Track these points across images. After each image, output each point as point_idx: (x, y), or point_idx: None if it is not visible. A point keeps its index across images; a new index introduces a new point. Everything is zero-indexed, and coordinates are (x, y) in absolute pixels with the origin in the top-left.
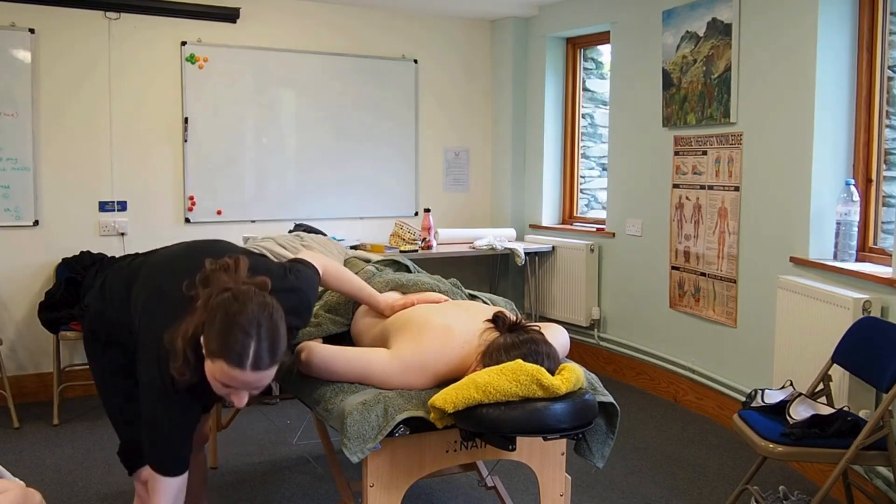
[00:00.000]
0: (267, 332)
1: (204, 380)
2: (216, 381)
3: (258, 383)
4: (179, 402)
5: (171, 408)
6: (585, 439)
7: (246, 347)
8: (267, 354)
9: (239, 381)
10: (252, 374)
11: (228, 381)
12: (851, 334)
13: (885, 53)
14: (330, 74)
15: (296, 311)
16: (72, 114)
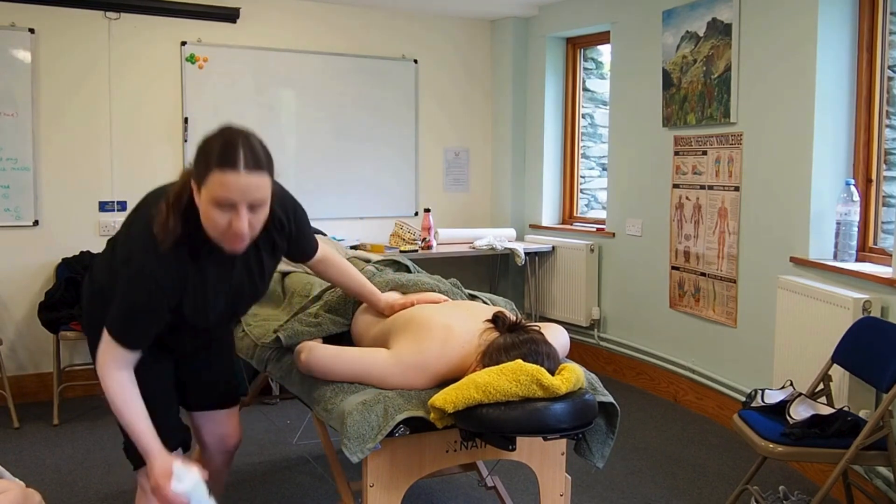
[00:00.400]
0: (252, 139)
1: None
2: (213, 210)
3: (255, 190)
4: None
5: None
6: (585, 439)
7: (235, 150)
8: (261, 154)
9: (235, 188)
10: (246, 175)
11: (225, 192)
12: (851, 334)
13: (885, 53)
14: (330, 74)
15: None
16: (72, 114)
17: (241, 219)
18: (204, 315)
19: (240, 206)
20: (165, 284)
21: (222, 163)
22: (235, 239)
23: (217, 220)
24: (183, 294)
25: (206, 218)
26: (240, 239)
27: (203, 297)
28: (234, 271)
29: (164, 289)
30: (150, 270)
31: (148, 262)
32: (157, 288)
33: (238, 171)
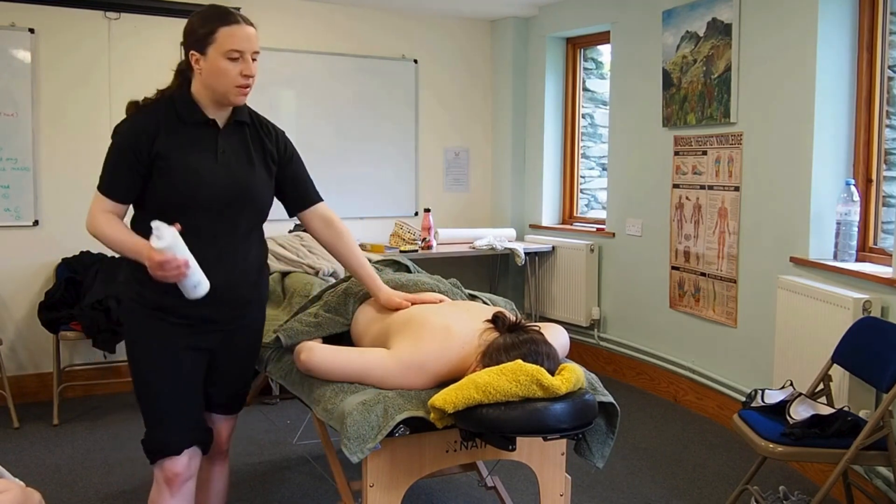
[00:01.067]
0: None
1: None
2: (225, 63)
3: (255, 40)
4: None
5: (122, 133)
6: (585, 439)
7: (230, 10)
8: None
9: (243, 37)
10: (247, 27)
11: (236, 43)
12: (851, 334)
13: (885, 53)
14: (330, 74)
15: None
16: (72, 114)
17: (249, 64)
18: (196, 186)
19: (246, 55)
20: (141, 133)
21: (226, 21)
22: (244, 86)
23: (229, 70)
24: (167, 148)
25: (216, 74)
26: (246, 87)
27: (189, 162)
28: (221, 148)
29: (140, 136)
30: (126, 122)
31: (126, 120)
32: (133, 135)
33: (241, 24)
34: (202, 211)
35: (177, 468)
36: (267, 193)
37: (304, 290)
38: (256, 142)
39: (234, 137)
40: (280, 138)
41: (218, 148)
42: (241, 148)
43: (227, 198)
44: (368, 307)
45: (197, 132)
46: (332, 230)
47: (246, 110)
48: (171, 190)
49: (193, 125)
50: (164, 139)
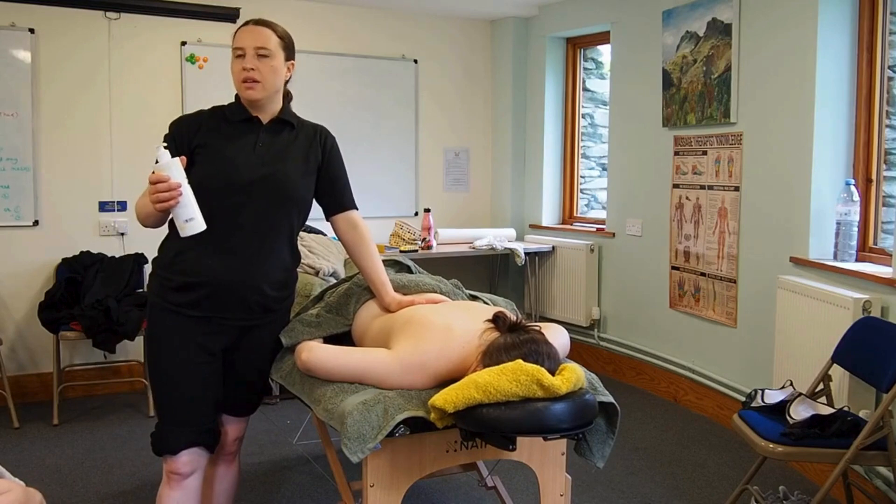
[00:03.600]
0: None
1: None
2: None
3: (259, 37)
4: None
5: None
6: (585, 439)
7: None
8: (271, 21)
9: (244, 35)
10: (253, 26)
11: (237, 42)
12: (851, 334)
13: (885, 53)
14: (330, 74)
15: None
16: (72, 114)
17: (248, 59)
18: (230, 169)
19: (248, 51)
20: (183, 126)
21: (241, 25)
22: (246, 81)
23: (235, 67)
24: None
25: (232, 73)
26: (249, 81)
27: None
28: (260, 141)
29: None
30: (176, 120)
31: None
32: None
33: (249, 25)
34: (233, 196)
35: (175, 466)
36: (304, 190)
37: (304, 290)
38: (300, 142)
39: (275, 134)
40: (325, 140)
41: (258, 140)
42: (281, 144)
43: (258, 186)
44: (369, 307)
45: (239, 127)
46: (356, 233)
47: (293, 115)
48: (203, 172)
49: (237, 122)
50: (205, 133)
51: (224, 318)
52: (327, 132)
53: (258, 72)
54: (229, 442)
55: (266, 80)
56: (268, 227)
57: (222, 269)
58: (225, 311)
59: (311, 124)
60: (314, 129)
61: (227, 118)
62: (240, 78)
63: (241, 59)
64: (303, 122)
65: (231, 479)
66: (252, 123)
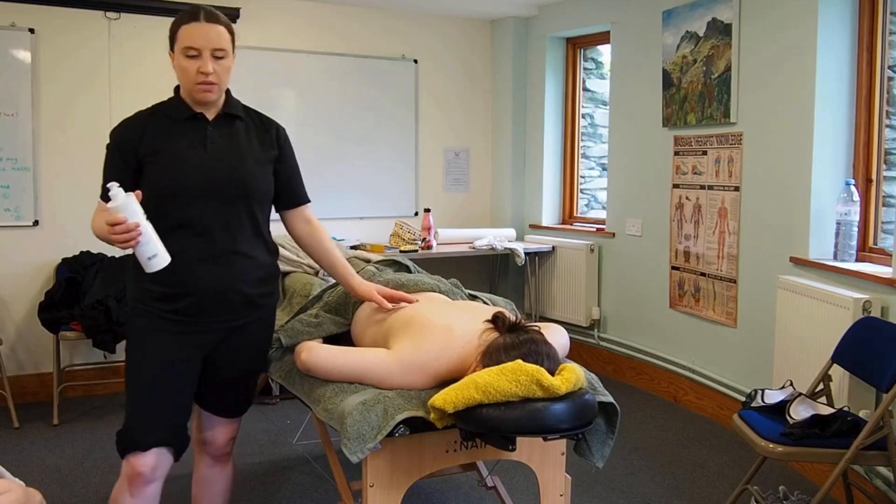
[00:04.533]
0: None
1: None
2: (184, 61)
3: (216, 37)
4: None
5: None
6: (585, 439)
7: (196, 8)
8: (219, 14)
9: (198, 34)
10: (206, 24)
11: (190, 40)
12: (851, 334)
13: (885, 53)
14: (330, 75)
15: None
16: (72, 114)
17: (206, 62)
18: (185, 173)
19: (203, 52)
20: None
21: (186, 19)
22: (203, 84)
23: (188, 68)
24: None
25: (180, 72)
26: (207, 84)
27: (177, 155)
28: (210, 139)
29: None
30: (117, 127)
31: (118, 124)
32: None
33: (199, 22)
34: (194, 200)
35: (141, 466)
36: (264, 183)
37: (304, 290)
38: (251, 135)
39: (224, 130)
40: (279, 133)
41: (207, 138)
42: (233, 139)
43: (218, 186)
44: (368, 307)
45: (185, 126)
46: (311, 228)
47: (239, 105)
48: (160, 180)
49: (182, 121)
50: (151, 139)
51: (210, 320)
52: (278, 125)
53: (216, 74)
54: (222, 443)
55: (222, 82)
56: (236, 228)
57: (200, 277)
58: (210, 315)
59: (259, 114)
60: (264, 122)
61: (170, 117)
62: (195, 80)
63: (195, 59)
64: (249, 112)
65: (226, 481)
66: (198, 121)
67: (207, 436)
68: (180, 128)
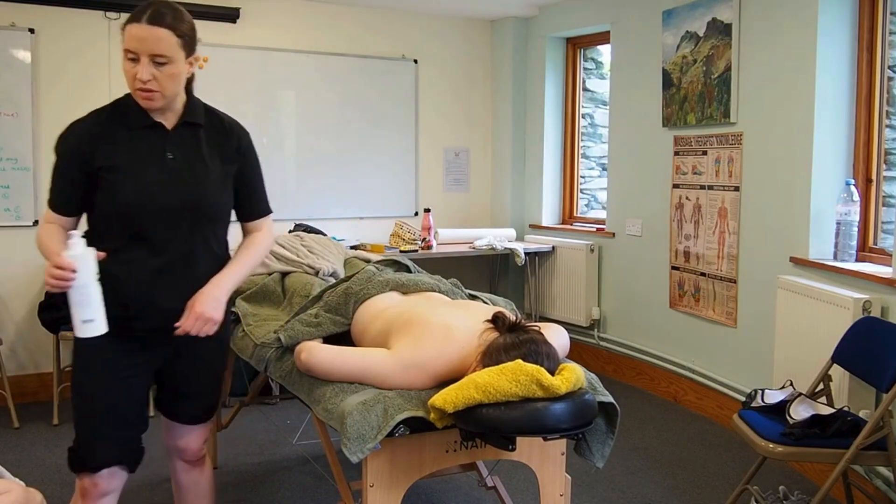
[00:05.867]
0: (169, 5)
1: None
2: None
3: (154, 42)
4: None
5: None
6: (585, 439)
7: (144, 8)
8: (167, 15)
9: (135, 37)
10: (147, 27)
11: (128, 43)
12: (851, 334)
13: (885, 53)
14: (330, 74)
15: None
16: (72, 114)
17: (142, 67)
18: (144, 197)
19: (141, 56)
20: (83, 141)
21: (130, 19)
22: (142, 90)
23: (128, 71)
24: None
25: (124, 74)
26: (145, 91)
27: (135, 171)
28: (169, 153)
29: (81, 145)
30: (73, 130)
31: (73, 126)
32: (75, 144)
33: (140, 24)
34: (151, 221)
35: (93, 486)
36: (224, 199)
37: (304, 290)
38: (212, 142)
39: (184, 140)
40: (241, 142)
41: (166, 154)
42: (193, 151)
43: (177, 207)
44: (368, 307)
45: (143, 138)
46: (260, 234)
47: (200, 109)
48: (117, 202)
49: (140, 129)
50: (108, 148)
51: (160, 338)
52: (242, 131)
53: (155, 81)
54: (196, 449)
55: (165, 89)
56: (190, 249)
57: (153, 299)
58: (161, 333)
59: (221, 120)
60: (226, 129)
61: (127, 125)
62: (133, 86)
63: (134, 63)
64: (211, 117)
65: (206, 482)
66: (156, 130)
67: (180, 444)
68: (137, 139)
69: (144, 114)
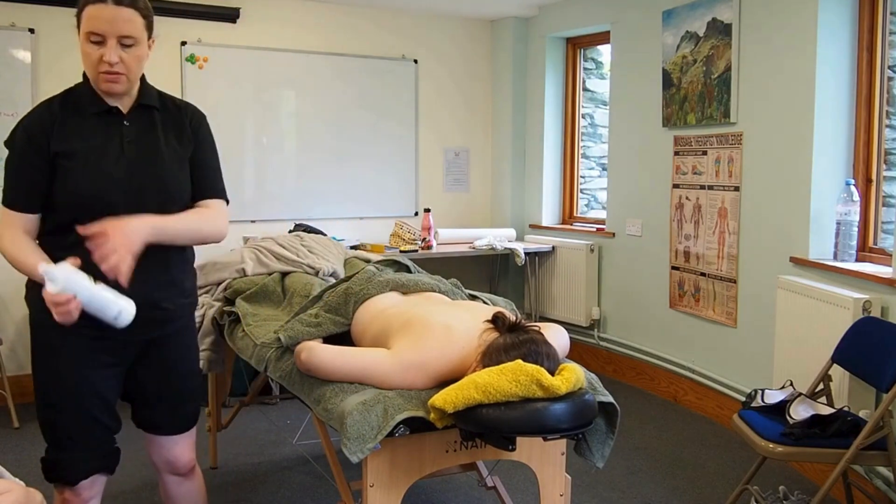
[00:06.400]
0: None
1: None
2: (87, 46)
3: (124, 23)
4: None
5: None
6: (585, 439)
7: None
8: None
9: (103, 18)
10: (114, 7)
11: (94, 25)
12: (851, 334)
13: (885, 53)
14: (330, 74)
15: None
16: None
17: (110, 49)
18: (102, 184)
19: (108, 38)
20: (36, 129)
21: (91, 0)
22: (108, 73)
23: (91, 54)
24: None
25: (83, 57)
26: (111, 73)
27: (92, 157)
28: (127, 139)
29: (35, 133)
30: (23, 122)
31: (23, 118)
32: (28, 134)
33: (106, 4)
34: (112, 208)
35: (74, 494)
36: (183, 180)
37: (304, 290)
38: (168, 125)
39: (141, 124)
40: (193, 118)
41: (123, 138)
42: (150, 135)
43: (137, 191)
44: (368, 307)
45: (98, 123)
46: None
47: (154, 93)
48: (75, 191)
49: (94, 115)
50: (63, 134)
51: (114, 333)
52: (196, 111)
53: (122, 64)
54: (187, 460)
55: (132, 72)
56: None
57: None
58: (125, 331)
59: (174, 101)
60: (179, 109)
61: (81, 111)
62: (97, 69)
63: (99, 46)
64: (164, 100)
65: (199, 491)
66: (111, 115)
67: (169, 457)
68: (92, 124)
69: (99, 99)
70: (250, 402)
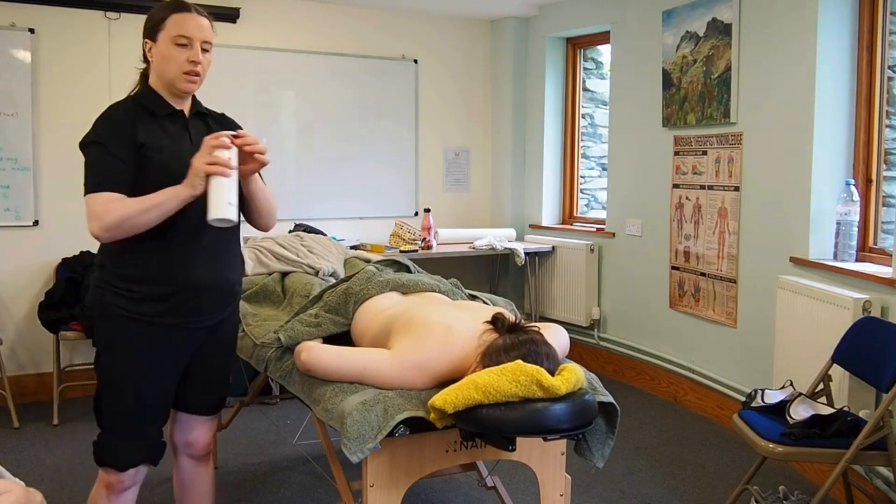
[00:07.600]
0: None
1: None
2: (173, 49)
3: (206, 31)
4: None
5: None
6: (585, 439)
7: (185, 1)
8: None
9: (192, 25)
10: (198, 16)
11: (183, 30)
12: (851, 334)
13: (885, 53)
14: (330, 74)
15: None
16: (71, 114)
17: (197, 52)
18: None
19: (194, 42)
20: (122, 122)
21: (178, 8)
22: (192, 73)
23: (177, 57)
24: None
25: (166, 61)
26: (194, 74)
27: (173, 151)
28: (193, 137)
29: (122, 125)
30: (104, 118)
31: (101, 117)
32: (114, 126)
33: (192, 13)
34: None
35: (118, 479)
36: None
37: (304, 290)
38: (218, 130)
39: (199, 128)
40: (234, 126)
41: (191, 137)
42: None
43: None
44: (368, 307)
45: (169, 123)
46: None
47: (200, 103)
48: (161, 178)
49: (164, 117)
50: (144, 129)
51: (198, 320)
52: (234, 121)
53: (201, 66)
54: (205, 443)
55: (204, 75)
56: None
57: (195, 272)
58: (200, 313)
59: (215, 112)
60: (224, 118)
61: (152, 112)
62: (184, 69)
63: (186, 49)
64: (208, 109)
65: (210, 480)
66: (177, 117)
67: (190, 438)
68: (165, 124)
69: (166, 102)
70: (250, 402)
